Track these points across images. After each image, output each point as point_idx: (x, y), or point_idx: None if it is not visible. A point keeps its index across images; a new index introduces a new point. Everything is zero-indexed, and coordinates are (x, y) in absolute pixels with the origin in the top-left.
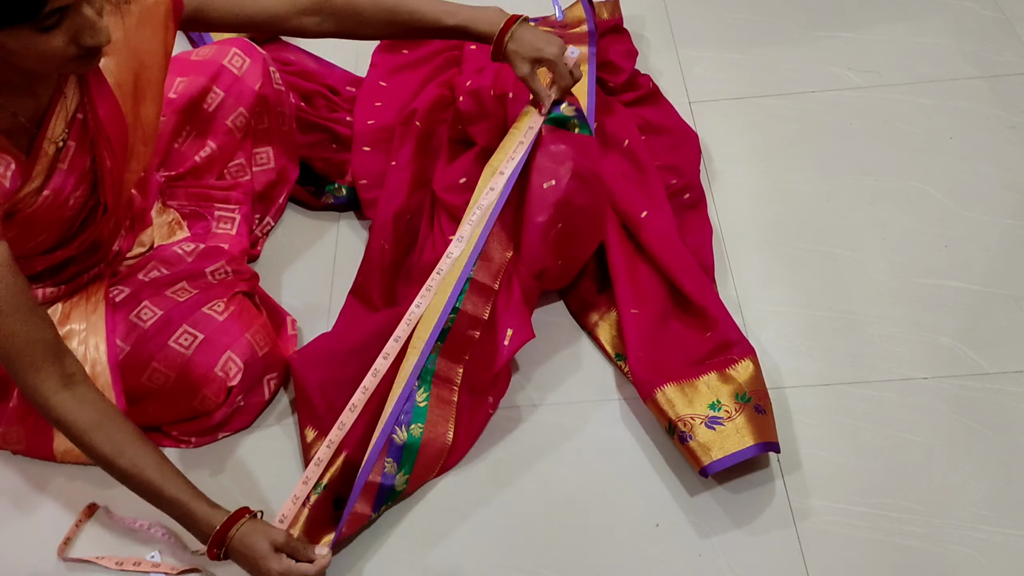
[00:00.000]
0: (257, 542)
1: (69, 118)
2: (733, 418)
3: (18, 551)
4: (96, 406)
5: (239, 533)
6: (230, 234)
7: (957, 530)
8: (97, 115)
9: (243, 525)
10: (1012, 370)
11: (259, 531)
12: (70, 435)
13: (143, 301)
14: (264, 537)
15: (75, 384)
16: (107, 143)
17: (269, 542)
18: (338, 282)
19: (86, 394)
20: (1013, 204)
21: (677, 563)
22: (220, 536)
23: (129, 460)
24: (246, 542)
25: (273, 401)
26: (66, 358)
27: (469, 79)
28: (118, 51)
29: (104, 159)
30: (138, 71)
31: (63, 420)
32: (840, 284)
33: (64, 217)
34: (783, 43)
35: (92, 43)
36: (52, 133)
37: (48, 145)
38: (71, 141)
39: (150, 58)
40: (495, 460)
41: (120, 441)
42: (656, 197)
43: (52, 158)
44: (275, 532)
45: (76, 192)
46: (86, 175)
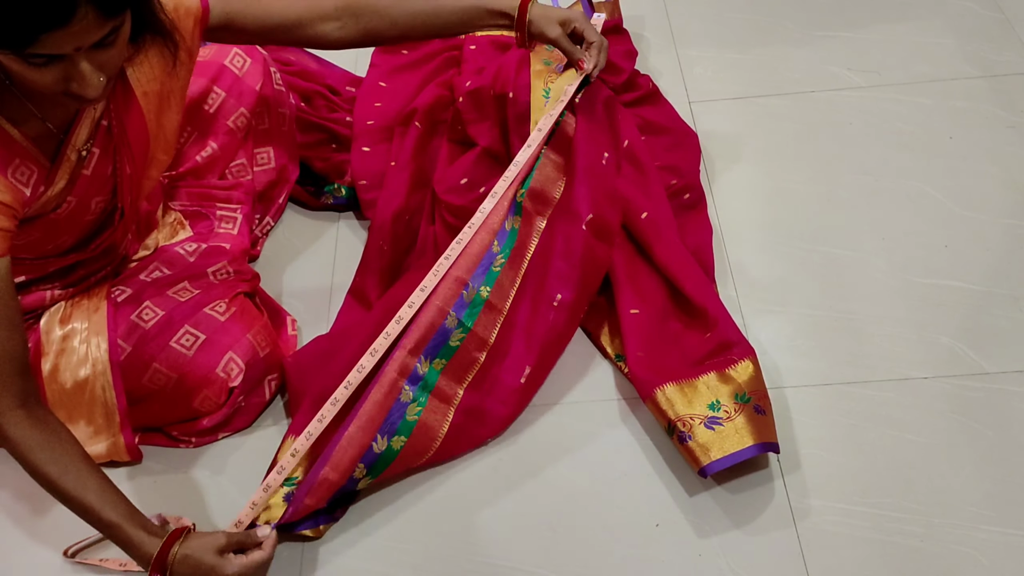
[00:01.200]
0: (201, 556)
1: (94, 125)
2: (732, 418)
3: (18, 551)
4: (46, 427)
5: (179, 554)
6: (232, 234)
7: (957, 530)
8: (122, 123)
9: (180, 545)
10: (1012, 370)
11: (198, 545)
12: (15, 453)
13: (145, 301)
14: (206, 549)
15: (32, 404)
16: (128, 150)
17: (213, 551)
18: (338, 282)
19: (40, 415)
20: (1013, 204)
21: (677, 563)
22: (160, 563)
23: (71, 483)
24: (190, 561)
25: (274, 401)
26: (29, 378)
27: (469, 79)
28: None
29: (124, 166)
30: (164, 80)
31: (11, 437)
32: (840, 284)
33: (85, 221)
34: (783, 43)
35: (78, 92)
36: (77, 140)
37: (71, 152)
38: (95, 148)
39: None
40: (495, 460)
41: (64, 464)
42: (656, 197)
43: (75, 164)
44: (213, 538)
45: (98, 197)
46: (108, 181)
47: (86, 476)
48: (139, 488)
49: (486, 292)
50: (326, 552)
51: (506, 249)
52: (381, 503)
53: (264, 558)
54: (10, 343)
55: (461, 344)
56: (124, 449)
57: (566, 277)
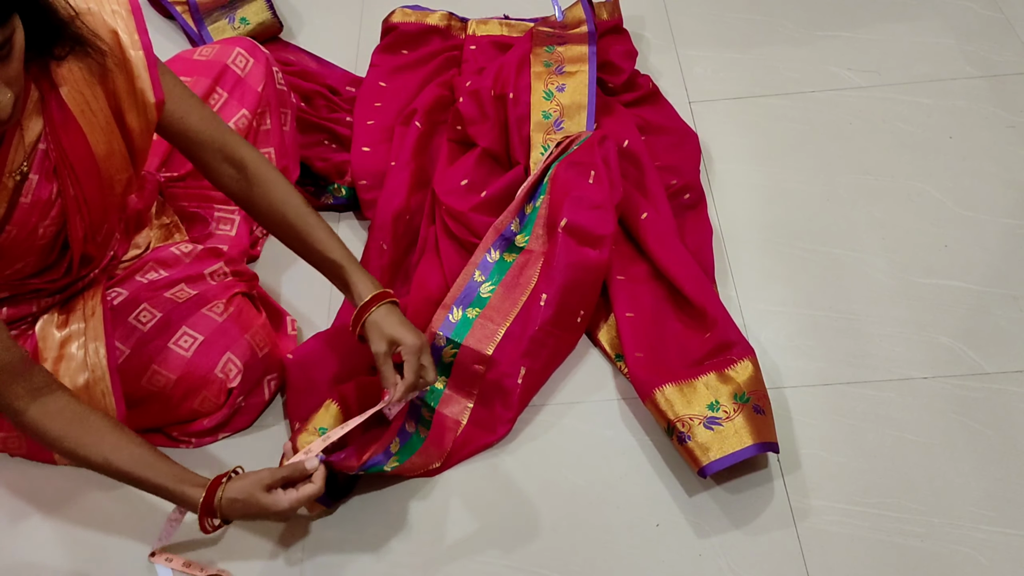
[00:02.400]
0: (248, 496)
1: (29, 150)
2: (732, 418)
3: (18, 552)
4: (65, 413)
5: (224, 499)
6: (229, 235)
7: (957, 530)
8: (60, 145)
9: (223, 489)
10: (1012, 370)
11: (243, 486)
12: (47, 444)
13: (142, 303)
14: (252, 489)
15: (44, 396)
16: (71, 172)
17: (260, 489)
18: None
19: (55, 403)
20: (1013, 203)
21: (677, 563)
22: (207, 510)
23: (106, 458)
24: (237, 504)
25: (273, 401)
26: (34, 373)
27: (469, 80)
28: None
29: (67, 187)
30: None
31: (38, 433)
32: (840, 284)
33: (38, 246)
34: (783, 43)
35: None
36: (11, 165)
37: (8, 179)
38: (33, 174)
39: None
40: (495, 460)
41: (94, 441)
42: (656, 198)
43: (12, 191)
44: (257, 477)
45: (44, 222)
46: (52, 204)
47: (119, 448)
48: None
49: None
50: (326, 553)
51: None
52: (381, 503)
53: (316, 491)
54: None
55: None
56: None
57: (550, 278)
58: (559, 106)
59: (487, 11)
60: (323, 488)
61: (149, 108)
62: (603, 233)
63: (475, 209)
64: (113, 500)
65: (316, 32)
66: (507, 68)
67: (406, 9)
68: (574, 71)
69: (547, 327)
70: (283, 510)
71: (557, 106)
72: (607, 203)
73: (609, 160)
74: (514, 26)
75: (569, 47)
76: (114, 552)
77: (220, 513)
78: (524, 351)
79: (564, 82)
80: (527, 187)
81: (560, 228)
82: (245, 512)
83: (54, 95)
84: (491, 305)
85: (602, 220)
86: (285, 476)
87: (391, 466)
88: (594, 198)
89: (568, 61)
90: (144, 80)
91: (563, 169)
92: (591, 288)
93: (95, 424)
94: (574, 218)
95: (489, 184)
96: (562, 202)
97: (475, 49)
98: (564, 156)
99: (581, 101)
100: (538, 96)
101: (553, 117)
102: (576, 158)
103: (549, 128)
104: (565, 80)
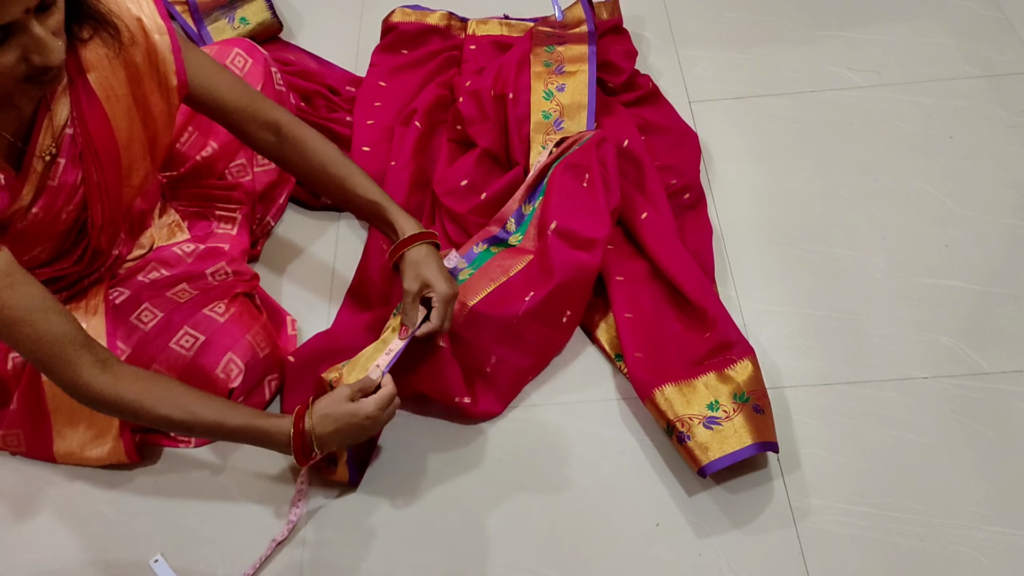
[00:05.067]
0: (336, 409)
1: (57, 133)
2: (731, 418)
3: (17, 552)
4: (136, 377)
5: (315, 417)
6: (231, 234)
7: (957, 530)
8: (87, 130)
9: (311, 410)
10: (1012, 370)
11: (328, 403)
12: (124, 413)
13: (143, 303)
14: (337, 402)
15: (111, 366)
16: (95, 158)
17: (344, 400)
18: (338, 282)
19: (124, 371)
20: (1013, 203)
21: (677, 563)
22: (299, 435)
23: (184, 411)
24: (328, 420)
25: (274, 401)
26: (95, 346)
27: (469, 79)
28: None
29: (91, 173)
30: (131, 84)
31: (112, 401)
32: (840, 284)
33: (57, 231)
34: (783, 43)
35: (41, 63)
36: (40, 148)
37: (36, 162)
38: (60, 157)
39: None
40: (495, 460)
41: (170, 399)
42: (656, 198)
43: (41, 174)
44: (339, 392)
45: (67, 207)
46: (76, 189)
47: (194, 401)
48: (140, 488)
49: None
50: (326, 553)
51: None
52: (381, 503)
53: (391, 391)
54: (58, 327)
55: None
56: (124, 452)
57: (539, 276)
58: (559, 106)
59: (487, 11)
60: (395, 388)
61: (172, 91)
62: (594, 237)
63: (474, 211)
64: (113, 500)
65: (316, 32)
66: (507, 68)
67: (406, 9)
68: (574, 71)
69: (527, 320)
70: (370, 412)
71: (557, 106)
72: (601, 207)
73: (607, 162)
74: (514, 26)
75: (569, 47)
76: (114, 552)
77: (314, 435)
78: (496, 337)
79: (564, 82)
80: (526, 187)
81: (550, 231)
82: (337, 425)
83: (82, 80)
84: (464, 285)
85: (594, 224)
86: (360, 388)
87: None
88: (587, 202)
89: (568, 61)
90: (168, 63)
91: (560, 172)
92: (581, 289)
93: (170, 384)
94: (564, 222)
95: (489, 184)
96: (554, 205)
97: (475, 49)
98: (564, 157)
99: (581, 101)
100: (538, 96)
101: (553, 117)
102: (573, 160)
103: (549, 128)
104: (565, 80)
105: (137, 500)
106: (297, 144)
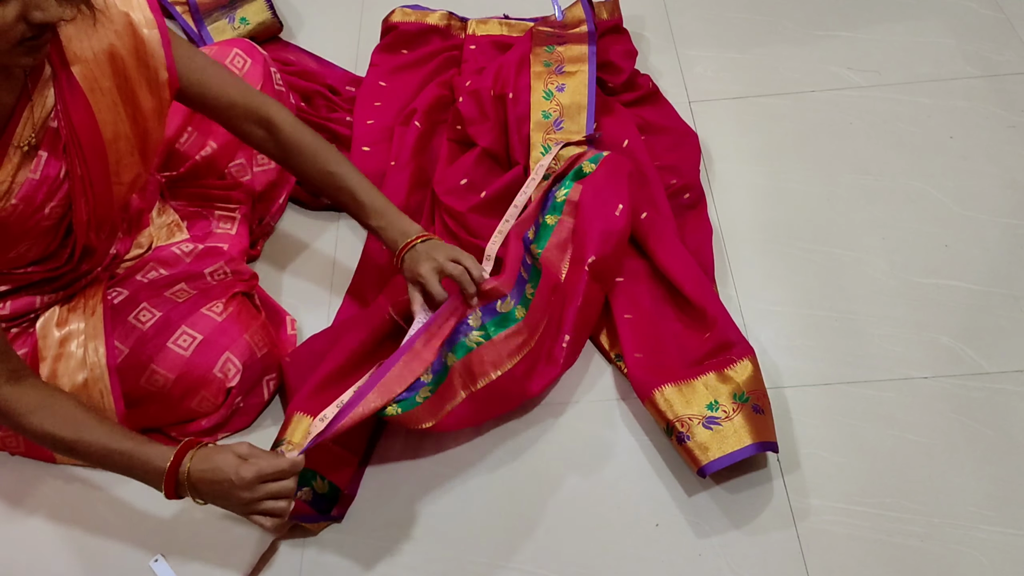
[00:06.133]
0: (220, 460)
1: (39, 125)
2: (731, 418)
3: (16, 552)
4: (38, 392)
5: (195, 458)
6: (230, 234)
7: (957, 530)
8: (71, 122)
9: (197, 451)
10: (1012, 370)
11: (218, 450)
12: (12, 422)
13: (142, 303)
14: (226, 452)
15: (20, 379)
16: (79, 151)
17: (233, 455)
18: (337, 282)
19: (30, 384)
20: (1013, 203)
21: (677, 563)
22: (175, 466)
23: (70, 429)
24: (206, 465)
25: (272, 402)
26: (12, 359)
27: (469, 79)
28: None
29: (75, 167)
30: (116, 76)
31: (5, 412)
32: (840, 284)
33: (42, 227)
34: (783, 43)
35: (43, 19)
36: (18, 139)
37: (13, 151)
38: (43, 150)
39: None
40: (495, 460)
41: (62, 417)
42: (656, 197)
43: (18, 165)
44: (236, 446)
45: (51, 202)
46: (60, 184)
47: (84, 421)
48: (139, 488)
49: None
50: (326, 552)
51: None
52: (381, 503)
53: (284, 466)
54: None
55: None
56: None
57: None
58: (559, 106)
59: (487, 11)
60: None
61: (163, 86)
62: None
63: (474, 209)
64: (112, 500)
65: (316, 32)
66: (507, 68)
67: (406, 9)
68: (574, 71)
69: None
70: (244, 477)
71: (557, 106)
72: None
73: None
74: (514, 26)
75: (569, 47)
76: (113, 552)
77: (189, 476)
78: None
79: (564, 82)
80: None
81: (587, 266)
82: (213, 476)
83: (66, 73)
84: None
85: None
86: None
87: (423, 396)
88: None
89: (568, 61)
90: (158, 58)
91: (590, 196)
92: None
93: (67, 403)
94: (602, 253)
95: (488, 184)
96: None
97: (475, 49)
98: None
99: (581, 101)
100: (538, 96)
101: (553, 117)
102: (602, 183)
103: (549, 128)
104: (565, 80)
105: (136, 500)
106: (291, 142)
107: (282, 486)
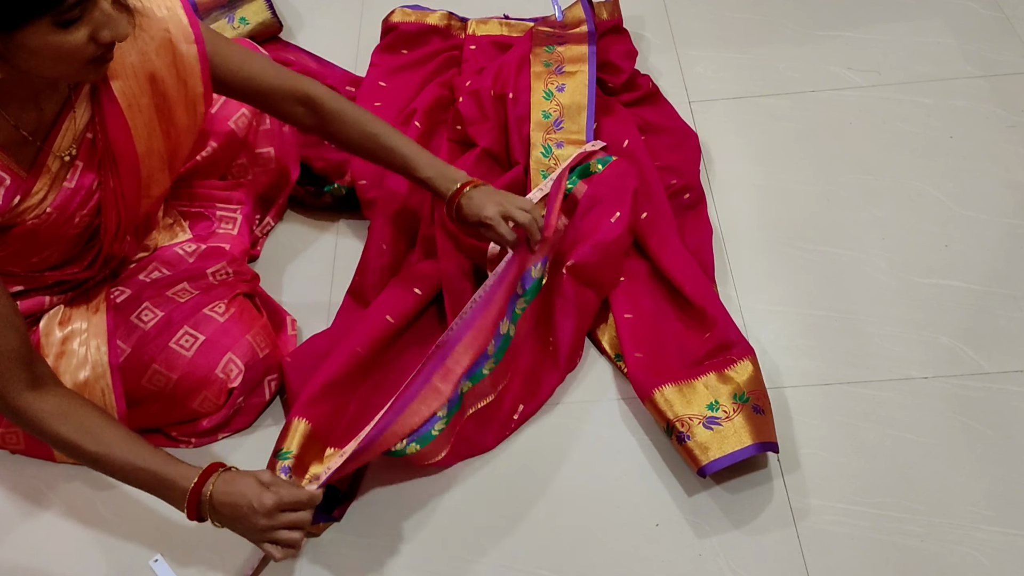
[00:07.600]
0: (243, 485)
1: (78, 136)
2: (731, 418)
3: (16, 552)
4: (61, 399)
5: (219, 480)
6: (232, 234)
7: (957, 530)
8: (107, 136)
9: (220, 475)
10: (1012, 370)
11: (241, 475)
12: (36, 430)
13: (144, 302)
14: (249, 477)
15: (42, 385)
16: (113, 164)
17: (256, 481)
18: (338, 282)
19: (52, 391)
20: (1013, 203)
21: (677, 563)
22: (198, 487)
23: (95, 442)
24: (229, 488)
25: (273, 402)
26: (36, 364)
27: (469, 79)
28: (128, 75)
29: (108, 179)
30: (155, 95)
31: (28, 418)
32: (840, 284)
33: (69, 235)
34: (783, 43)
35: (111, 37)
36: (58, 148)
37: (52, 161)
38: (79, 160)
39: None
40: (495, 460)
41: (86, 427)
42: (656, 198)
43: (55, 175)
44: (259, 473)
45: (81, 211)
46: (92, 194)
47: (109, 433)
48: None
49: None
50: (326, 552)
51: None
52: (381, 503)
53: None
54: (9, 341)
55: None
56: None
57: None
58: (559, 106)
59: (487, 11)
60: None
61: (198, 100)
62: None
63: None
64: (112, 499)
65: (316, 32)
66: (507, 68)
67: (406, 9)
68: (574, 71)
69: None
70: (265, 504)
71: (557, 106)
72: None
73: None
74: (514, 26)
75: (569, 47)
76: (113, 552)
77: (211, 500)
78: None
79: (564, 82)
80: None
81: (565, 268)
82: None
83: (105, 87)
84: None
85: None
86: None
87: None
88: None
89: (568, 61)
90: (195, 75)
91: (590, 197)
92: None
93: (90, 412)
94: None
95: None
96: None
97: (475, 49)
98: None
99: (581, 101)
100: (538, 96)
101: (553, 117)
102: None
103: (549, 128)
104: (565, 80)
105: (136, 500)
106: (333, 116)
107: (299, 516)
